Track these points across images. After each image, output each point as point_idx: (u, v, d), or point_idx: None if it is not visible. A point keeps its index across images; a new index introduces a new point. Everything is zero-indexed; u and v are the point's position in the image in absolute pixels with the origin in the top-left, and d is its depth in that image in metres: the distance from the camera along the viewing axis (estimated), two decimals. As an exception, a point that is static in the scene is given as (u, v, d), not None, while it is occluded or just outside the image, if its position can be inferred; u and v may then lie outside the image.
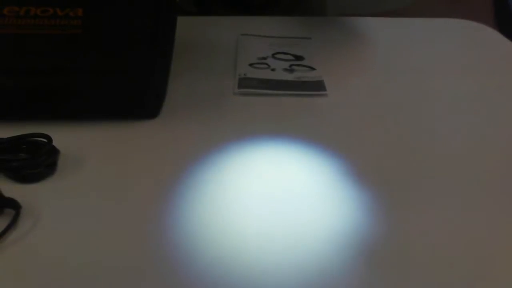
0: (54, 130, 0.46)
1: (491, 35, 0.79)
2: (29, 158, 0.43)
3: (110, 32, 0.51)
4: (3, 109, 0.51)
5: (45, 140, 0.44)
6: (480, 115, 0.57)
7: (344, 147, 0.49)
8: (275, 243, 0.38)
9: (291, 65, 0.63)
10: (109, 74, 0.49)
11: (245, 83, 0.58)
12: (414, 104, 0.58)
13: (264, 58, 0.65)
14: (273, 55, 0.66)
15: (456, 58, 0.70)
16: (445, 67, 0.67)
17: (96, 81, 0.49)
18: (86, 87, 0.49)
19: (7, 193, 0.40)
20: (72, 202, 0.41)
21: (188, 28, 0.68)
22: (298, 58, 0.65)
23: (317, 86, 0.58)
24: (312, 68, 0.63)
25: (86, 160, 0.46)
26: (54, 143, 0.44)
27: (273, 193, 0.43)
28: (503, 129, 0.54)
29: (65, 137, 0.47)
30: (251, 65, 0.63)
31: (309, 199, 0.43)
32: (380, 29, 0.79)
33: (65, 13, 0.54)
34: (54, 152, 0.45)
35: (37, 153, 0.43)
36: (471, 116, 0.56)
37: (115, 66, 0.49)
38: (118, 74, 0.49)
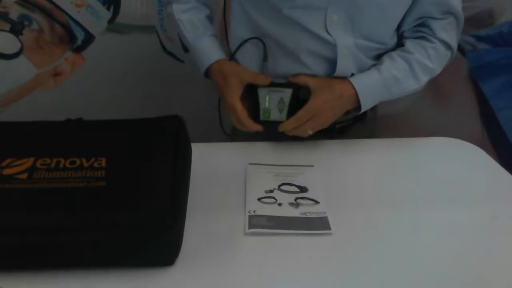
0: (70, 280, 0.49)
1: (478, 155, 0.85)
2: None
3: (132, 186, 0.56)
4: (30, 263, 0.54)
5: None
6: (475, 246, 0.60)
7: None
8: None
9: (296, 199, 0.68)
10: (130, 229, 0.53)
11: (255, 222, 0.62)
12: (418, 241, 0.61)
13: (271, 191, 0.70)
14: (279, 187, 0.71)
15: (447, 183, 0.75)
16: (439, 194, 0.72)
17: (118, 236, 0.53)
18: (108, 242, 0.53)
19: None
20: None
21: (201, 155, 0.73)
22: (302, 189, 0.70)
23: (322, 224, 0.62)
24: (316, 202, 0.67)
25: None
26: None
27: None
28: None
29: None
30: (259, 199, 0.67)
31: None
32: (373, 150, 0.85)
33: (90, 163, 0.60)
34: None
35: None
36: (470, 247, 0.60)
37: (138, 222, 0.53)
38: (139, 229, 0.53)
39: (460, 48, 1.25)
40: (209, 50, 0.86)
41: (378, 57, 0.85)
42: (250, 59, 0.86)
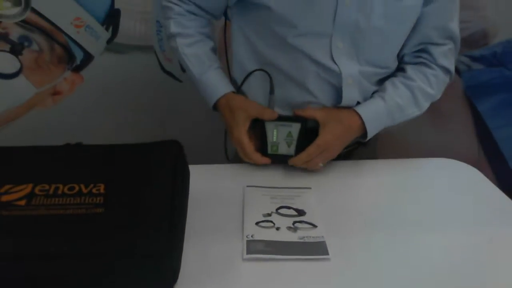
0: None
1: (475, 176, 0.86)
2: None
3: (130, 213, 0.56)
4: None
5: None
6: (473, 269, 0.61)
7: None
8: None
9: (294, 222, 0.68)
10: (129, 256, 0.53)
11: (253, 247, 0.62)
12: (416, 265, 0.62)
13: (269, 215, 0.70)
14: (277, 210, 0.71)
15: (445, 205, 0.76)
16: (437, 217, 0.72)
17: (116, 263, 0.53)
18: (107, 269, 0.53)
19: None
20: None
21: (199, 177, 0.72)
22: (300, 213, 0.71)
23: (320, 249, 0.63)
24: (314, 226, 0.68)
25: None
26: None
27: None
28: None
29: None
30: (257, 223, 0.68)
31: None
32: (371, 172, 0.86)
33: (89, 189, 0.60)
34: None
35: None
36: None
37: (136, 249, 0.53)
38: (137, 256, 0.53)
39: (455, 68, 1.27)
40: (216, 84, 0.85)
41: (380, 82, 0.86)
42: (256, 91, 0.86)
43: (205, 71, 0.85)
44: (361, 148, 0.92)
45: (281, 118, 0.81)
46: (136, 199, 0.59)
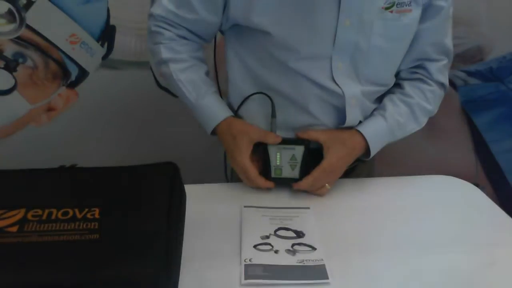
0: None
1: (475, 194, 0.85)
2: None
3: (125, 239, 0.55)
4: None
5: None
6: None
7: None
8: None
9: (293, 245, 0.67)
10: (124, 285, 0.51)
11: (251, 272, 0.61)
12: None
13: (267, 237, 0.69)
14: (275, 232, 0.70)
15: (446, 225, 0.75)
16: (438, 237, 0.71)
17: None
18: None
19: None
20: None
21: (196, 197, 0.71)
22: (299, 235, 0.70)
23: (319, 273, 0.61)
24: (313, 248, 0.66)
25: None
26: None
27: None
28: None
29: None
30: (255, 246, 0.66)
31: None
32: (370, 190, 0.85)
33: (83, 214, 0.58)
34: None
35: None
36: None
37: (132, 277, 0.51)
38: (133, 284, 0.51)
39: (452, 83, 1.28)
40: (214, 109, 0.82)
41: (379, 99, 0.86)
42: (256, 115, 0.84)
43: (202, 96, 0.82)
44: (361, 165, 0.91)
45: (283, 141, 0.80)
46: (132, 224, 0.57)
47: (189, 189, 0.68)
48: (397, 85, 0.87)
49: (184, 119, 1.28)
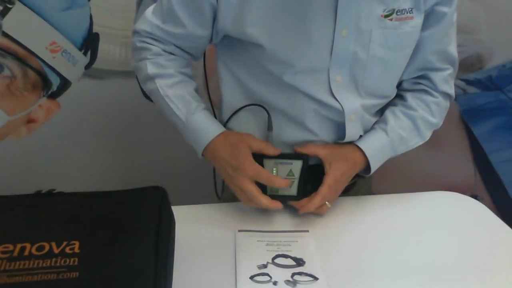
0: None
1: (478, 210, 0.81)
2: None
3: (109, 277, 0.49)
4: None
5: None
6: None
7: None
8: None
9: (293, 275, 0.62)
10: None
11: (249, 309, 0.56)
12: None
13: (265, 266, 0.63)
14: (273, 260, 0.65)
15: (450, 246, 0.70)
16: (443, 260, 0.67)
17: None
18: None
19: None
20: None
21: (186, 221, 0.66)
22: (299, 262, 0.64)
23: (324, 309, 0.56)
24: (315, 278, 0.61)
25: None
26: None
27: None
28: None
29: None
30: (252, 278, 0.61)
31: None
32: (371, 209, 0.80)
33: (61, 249, 0.52)
34: None
35: None
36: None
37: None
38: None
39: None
40: (207, 125, 0.75)
41: (380, 112, 0.82)
42: (249, 129, 0.77)
43: (193, 112, 0.75)
44: (360, 180, 0.86)
45: (280, 155, 0.74)
46: (116, 260, 0.51)
47: (178, 212, 0.62)
48: (399, 96, 0.82)
49: (172, 130, 1.23)
